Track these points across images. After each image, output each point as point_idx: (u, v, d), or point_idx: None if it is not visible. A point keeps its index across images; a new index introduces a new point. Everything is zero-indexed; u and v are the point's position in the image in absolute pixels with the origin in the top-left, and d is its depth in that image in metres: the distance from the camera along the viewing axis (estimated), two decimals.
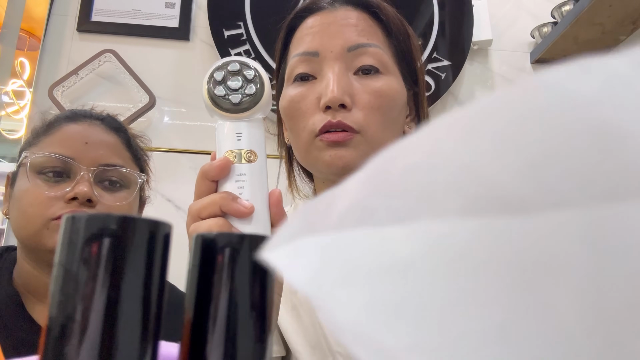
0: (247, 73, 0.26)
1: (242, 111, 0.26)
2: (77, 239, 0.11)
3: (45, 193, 0.40)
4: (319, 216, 0.09)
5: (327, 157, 0.34)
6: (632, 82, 0.07)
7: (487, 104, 0.08)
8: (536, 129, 0.07)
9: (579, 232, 0.06)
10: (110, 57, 0.94)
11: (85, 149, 0.42)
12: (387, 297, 0.08)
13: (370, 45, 0.35)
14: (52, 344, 0.10)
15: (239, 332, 0.11)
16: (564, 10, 0.97)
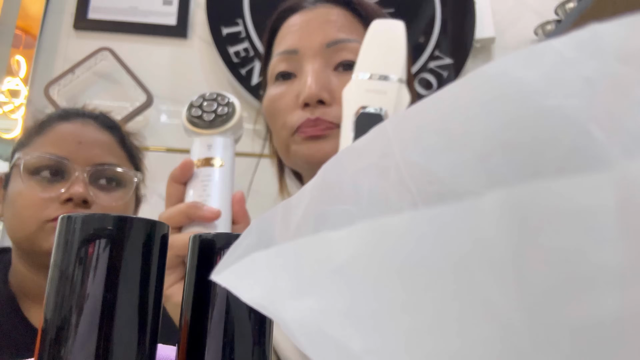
0: (221, 99, 0.30)
1: (214, 127, 0.29)
2: (73, 239, 0.11)
3: (40, 195, 0.40)
4: (275, 228, 0.09)
5: (305, 150, 0.34)
6: (577, 66, 0.07)
7: (436, 97, 0.08)
8: (479, 120, 0.07)
9: (502, 213, 0.06)
10: (107, 55, 0.94)
11: (79, 148, 0.42)
12: (338, 302, 0.08)
13: (349, 41, 0.35)
14: (47, 346, 0.10)
15: (237, 334, 0.11)
16: (568, 8, 0.97)
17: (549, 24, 1.02)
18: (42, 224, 0.39)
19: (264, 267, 0.09)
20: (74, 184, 0.40)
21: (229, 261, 0.10)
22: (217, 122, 0.29)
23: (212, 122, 0.29)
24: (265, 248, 0.09)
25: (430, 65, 0.98)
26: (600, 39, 0.07)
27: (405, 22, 0.37)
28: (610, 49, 0.07)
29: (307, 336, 0.08)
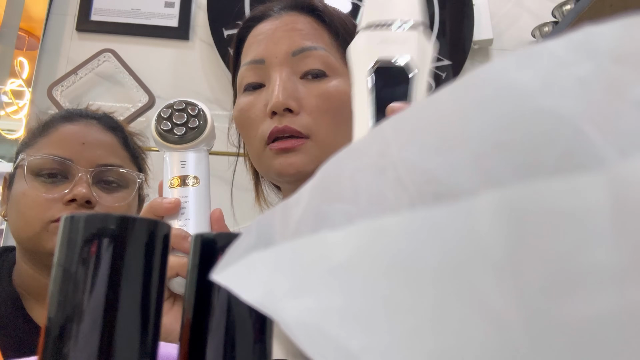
0: (191, 109, 0.29)
1: (186, 142, 0.28)
2: (76, 239, 0.11)
3: (44, 195, 0.40)
4: (275, 228, 0.10)
5: (277, 165, 0.33)
6: (572, 68, 0.07)
7: (433, 98, 0.08)
8: (475, 121, 0.07)
9: (498, 212, 0.06)
10: (110, 56, 0.94)
11: (82, 149, 0.42)
12: (335, 301, 0.08)
13: (315, 49, 0.35)
14: (51, 344, 0.10)
15: (238, 332, 0.11)
16: (565, 10, 0.97)
17: (546, 26, 1.02)
18: (45, 225, 0.39)
19: (264, 267, 0.09)
20: (77, 185, 0.40)
21: (229, 261, 0.10)
22: (189, 136, 0.28)
23: (184, 137, 0.28)
24: (265, 248, 0.09)
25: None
26: (595, 40, 0.07)
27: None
28: (604, 50, 0.07)
29: (306, 335, 0.08)
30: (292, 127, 0.33)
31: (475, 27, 1.01)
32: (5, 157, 0.99)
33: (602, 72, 0.07)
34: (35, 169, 0.41)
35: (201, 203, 0.28)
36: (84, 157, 0.42)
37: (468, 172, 0.07)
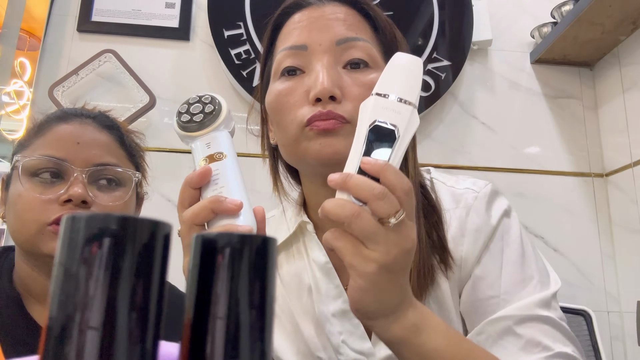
0: (204, 98, 0.32)
1: (207, 126, 0.30)
2: (77, 239, 0.11)
3: (39, 196, 0.40)
4: None
5: (316, 146, 0.34)
6: None
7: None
8: None
9: None
10: (111, 57, 0.94)
11: (77, 149, 0.42)
12: None
13: (359, 40, 0.35)
14: (52, 343, 0.10)
15: (239, 332, 0.11)
16: (564, 10, 0.97)
17: (546, 26, 1.02)
18: (42, 227, 0.39)
19: None
20: (72, 185, 0.40)
21: None
22: (208, 121, 0.30)
23: (203, 122, 0.30)
24: None
25: (428, 67, 0.99)
26: None
27: (403, 24, 0.37)
28: None
29: None
30: (335, 112, 0.33)
31: (474, 28, 1.01)
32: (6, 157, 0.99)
33: None
34: (31, 170, 0.41)
35: (231, 171, 0.29)
36: (79, 157, 0.41)
37: None
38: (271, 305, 0.12)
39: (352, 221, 0.25)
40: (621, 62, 0.98)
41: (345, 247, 0.26)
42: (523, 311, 0.33)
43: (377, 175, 0.26)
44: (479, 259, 0.36)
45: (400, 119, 0.28)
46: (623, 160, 0.95)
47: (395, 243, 0.26)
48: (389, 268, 0.26)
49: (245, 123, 0.96)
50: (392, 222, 0.25)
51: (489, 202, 0.38)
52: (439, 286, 0.35)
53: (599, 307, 0.92)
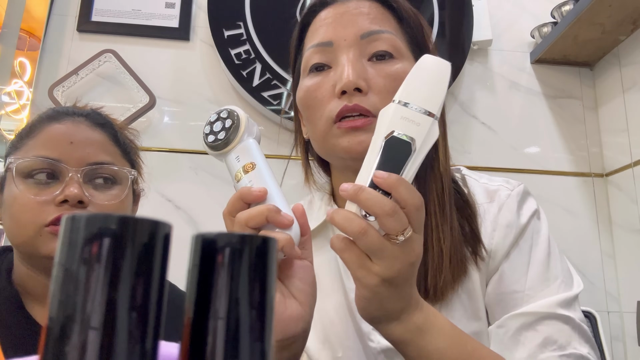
0: (222, 114, 0.33)
1: (232, 142, 0.32)
2: (77, 239, 0.11)
3: (35, 198, 0.39)
4: None
5: (345, 143, 0.35)
6: None
7: None
8: None
9: None
10: (110, 57, 0.94)
11: (71, 149, 0.41)
12: None
13: (383, 32, 0.36)
14: (52, 343, 0.10)
15: (239, 332, 0.11)
16: (564, 10, 0.97)
17: (546, 26, 1.02)
18: (39, 229, 0.39)
19: None
20: (68, 185, 0.40)
21: None
22: (231, 135, 0.32)
23: (227, 139, 0.32)
24: None
25: None
26: None
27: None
28: None
29: None
30: (361, 106, 0.34)
31: (474, 28, 1.01)
32: None
33: None
34: (25, 171, 0.40)
35: (265, 179, 0.31)
36: (73, 156, 0.41)
37: None
38: (271, 305, 0.12)
39: (358, 237, 0.26)
40: (621, 62, 0.98)
41: (351, 259, 0.27)
42: (545, 309, 0.34)
43: (389, 190, 0.26)
44: (507, 254, 0.37)
45: (418, 131, 0.27)
46: (623, 160, 0.95)
47: (399, 258, 0.26)
48: (392, 281, 0.27)
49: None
50: (400, 239, 0.26)
51: (521, 201, 0.39)
52: (469, 277, 0.36)
53: (599, 307, 0.92)
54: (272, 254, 0.12)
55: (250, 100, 0.96)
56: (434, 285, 0.34)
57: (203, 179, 0.93)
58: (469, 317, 0.36)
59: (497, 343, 0.34)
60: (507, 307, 0.35)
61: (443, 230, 0.34)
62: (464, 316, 0.36)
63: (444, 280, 0.34)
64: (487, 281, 0.37)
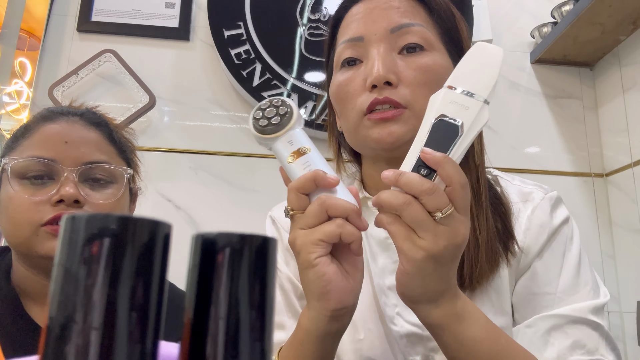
0: (275, 102, 0.34)
1: (283, 128, 0.33)
2: (77, 239, 0.11)
3: (30, 198, 0.39)
4: None
5: (375, 135, 0.35)
6: None
7: None
8: None
9: None
10: (110, 57, 0.94)
11: (65, 148, 0.41)
12: None
13: (413, 25, 0.37)
14: (52, 343, 0.10)
15: (239, 331, 0.11)
16: (564, 10, 0.97)
17: (546, 26, 1.02)
18: (35, 229, 0.39)
19: None
20: (63, 185, 0.39)
21: None
22: (285, 121, 0.33)
23: (281, 123, 0.33)
24: None
25: None
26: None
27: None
28: None
29: None
30: (392, 99, 0.35)
31: (474, 28, 1.01)
32: None
33: None
34: (20, 172, 0.40)
35: (319, 160, 0.32)
36: (68, 156, 0.41)
37: None
38: (271, 305, 0.12)
39: (403, 208, 0.26)
40: (621, 62, 0.98)
41: (398, 231, 0.27)
42: (577, 313, 0.35)
43: (435, 166, 0.27)
44: (540, 254, 0.38)
45: (467, 114, 0.27)
46: (623, 160, 0.95)
47: (444, 235, 0.27)
48: (437, 258, 0.27)
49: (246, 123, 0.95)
50: (439, 215, 0.26)
51: (554, 205, 0.41)
52: (499, 273, 0.37)
53: None
54: (272, 253, 0.12)
55: (250, 100, 0.96)
56: (469, 274, 0.34)
57: (203, 179, 0.93)
58: (496, 311, 0.36)
59: (525, 342, 0.35)
60: (537, 307, 0.36)
61: (479, 220, 0.35)
62: (491, 310, 0.36)
63: (480, 269, 0.34)
64: (517, 278, 0.38)
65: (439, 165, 0.27)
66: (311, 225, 0.28)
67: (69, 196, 0.39)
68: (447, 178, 0.27)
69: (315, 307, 0.29)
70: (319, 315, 0.29)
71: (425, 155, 0.27)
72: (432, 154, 0.27)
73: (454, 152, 0.27)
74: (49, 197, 0.40)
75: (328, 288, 0.28)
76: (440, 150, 0.27)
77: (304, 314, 0.31)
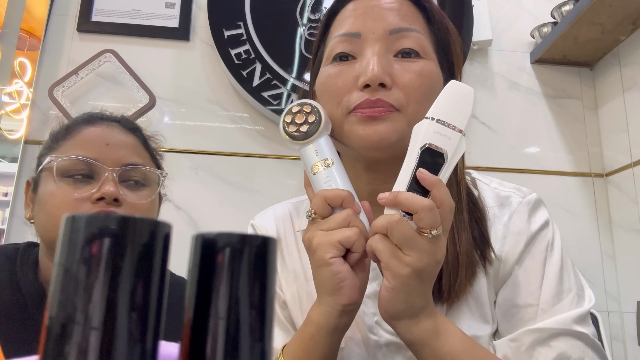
0: (305, 108, 0.35)
1: (312, 135, 0.35)
2: (77, 239, 0.11)
3: (73, 195, 0.41)
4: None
5: (361, 131, 0.34)
6: None
7: None
8: None
9: None
10: (111, 57, 0.94)
11: (107, 150, 0.44)
12: None
13: (412, 30, 0.36)
14: (52, 343, 0.10)
15: (239, 332, 0.12)
16: (564, 10, 0.97)
17: (546, 26, 1.02)
18: None
19: None
20: (105, 184, 0.42)
21: None
22: (313, 129, 0.34)
23: (309, 132, 0.34)
24: None
25: None
26: None
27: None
28: None
29: None
30: (385, 101, 0.34)
31: (474, 28, 1.01)
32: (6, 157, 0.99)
33: None
34: (63, 170, 0.42)
35: (342, 177, 0.34)
36: (109, 157, 0.43)
37: None
38: (271, 305, 0.12)
39: (393, 227, 0.28)
40: (621, 62, 0.98)
41: (384, 249, 0.29)
42: (560, 325, 0.34)
43: (429, 187, 0.29)
44: (519, 262, 0.37)
45: (450, 144, 0.31)
46: (623, 160, 0.95)
47: (427, 252, 0.29)
48: (420, 274, 0.29)
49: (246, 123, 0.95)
50: (433, 233, 0.28)
51: (532, 209, 0.39)
52: (477, 281, 0.37)
53: (599, 307, 0.92)
54: (272, 253, 0.12)
55: (250, 100, 0.96)
56: (448, 287, 0.34)
57: (203, 179, 0.93)
58: (477, 320, 0.36)
59: (510, 356, 0.35)
60: (521, 320, 0.36)
61: (459, 234, 0.35)
62: (472, 319, 0.36)
63: (459, 282, 0.34)
64: (498, 289, 0.38)
65: (433, 186, 0.29)
66: (331, 229, 0.31)
67: (110, 194, 0.41)
68: (439, 200, 0.29)
69: (328, 302, 0.31)
70: (331, 310, 0.31)
71: (422, 176, 0.29)
72: (428, 175, 0.29)
73: (441, 178, 0.30)
74: (90, 194, 0.41)
75: (342, 285, 0.30)
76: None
77: (315, 309, 0.32)
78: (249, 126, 0.99)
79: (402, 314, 0.30)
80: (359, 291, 0.31)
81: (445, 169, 0.30)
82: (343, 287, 0.30)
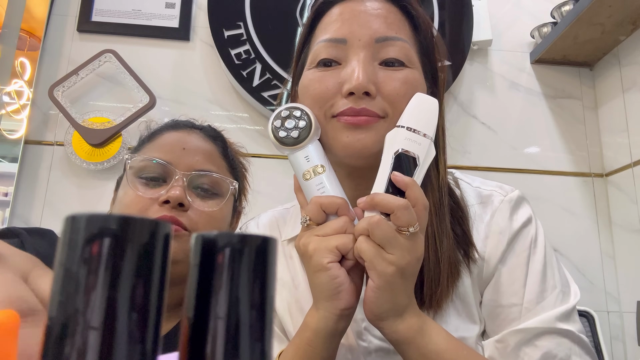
0: (295, 112, 0.35)
1: (302, 141, 0.34)
2: (77, 239, 0.11)
3: (142, 195, 0.42)
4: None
5: (344, 138, 0.34)
6: None
7: None
8: None
9: None
10: (111, 57, 0.94)
11: (182, 154, 0.44)
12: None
13: (398, 39, 0.36)
14: (52, 343, 0.10)
15: (239, 332, 0.12)
16: (564, 11, 0.97)
17: (545, 27, 1.02)
18: None
19: None
20: (173, 187, 0.42)
21: None
22: (303, 135, 0.34)
23: (299, 138, 0.34)
24: None
25: None
26: None
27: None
28: None
29: None
30: (369, 110, 0.34)
31: (474, 28, 1.01)
32: (6, 157, 0.99)
33: None
34: (138, 171, 0.44)
35: (334, 184, 0.34)
36: (182, 161, 0.44)
37: None
38: (271, 305, 0.12)
39: (374, 227, 0.29)
40: (621, 62, 0.98)
41: (369, 249, 0.29)
42: (545, 324, 0.34)
43: (404, 188, 0.30)
44: (502, 260, 0.37)
45: (420, 149, 0.33)
46: (623, 160, 0.95)
47: (408, 250, 0.29)
48: (403, 271, 0.30)
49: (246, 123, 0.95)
50: (411, 231, 0.29)
51: (514, 207, 0.39)
52: (462, 281, 0.37)
53: (599, 307, 0.92)
54: (272, 253, 0.12)
55: (250, 100, 0.96)
56: (429, 295, 0.34)
57: None
58: (464, 321, 0.36)
59: (496, 357, 0.35)
60: (506, 320, 0.36)
61: (441, 240, 0.35)
62: (459, 319, 0.36)
63: (440, 290, 0.34)
64: (482, 289, 0.38)
65: (408, 186, 0.30)
66: (328, 235, 0.31)
67: (175, 198, 0.41)
68: (414, 199, 0.30)
69: (326, 307, 0.31)
70: (329, 315, 0.31)
71: (395, 178, 0.31)
72: (401, 177, 0.31)
73: (416, 179, 0.32)
74: (158, 196, 0.42)
75: (340, 289, 0.30)
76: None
77: (312, 315, 0.32)
78: (249, 126, 0.99)
79: (387, 313, 0.30)
80: (355, 296, 0.31)
81: (418, 172, 0.32)
82: (341, 292, 0.30)
